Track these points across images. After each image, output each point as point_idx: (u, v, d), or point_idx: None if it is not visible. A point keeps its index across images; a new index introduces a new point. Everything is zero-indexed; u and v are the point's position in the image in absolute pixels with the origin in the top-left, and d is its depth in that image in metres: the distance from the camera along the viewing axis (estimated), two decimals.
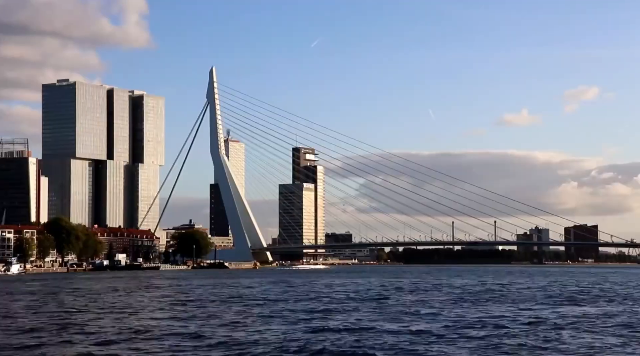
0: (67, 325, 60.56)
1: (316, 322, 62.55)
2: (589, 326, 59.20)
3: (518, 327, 58.37)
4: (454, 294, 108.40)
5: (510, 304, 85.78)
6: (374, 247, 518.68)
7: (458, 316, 67.54)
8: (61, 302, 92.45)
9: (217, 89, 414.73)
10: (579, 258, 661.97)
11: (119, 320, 66.01)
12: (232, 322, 63.22)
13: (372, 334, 53.58)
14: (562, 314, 71.14)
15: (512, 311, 74.09)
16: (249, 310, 77.81)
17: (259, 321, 63.84)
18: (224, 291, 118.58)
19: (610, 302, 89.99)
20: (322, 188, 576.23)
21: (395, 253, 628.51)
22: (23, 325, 62.00)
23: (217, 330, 56.56)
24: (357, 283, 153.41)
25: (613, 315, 69.69)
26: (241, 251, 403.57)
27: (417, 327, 58.02)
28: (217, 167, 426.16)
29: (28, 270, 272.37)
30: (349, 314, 71.58)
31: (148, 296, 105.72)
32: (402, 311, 74.18)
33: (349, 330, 56.13)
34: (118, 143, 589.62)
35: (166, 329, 57.73)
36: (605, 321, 63.33)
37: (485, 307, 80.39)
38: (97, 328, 58.61)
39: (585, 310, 77.07)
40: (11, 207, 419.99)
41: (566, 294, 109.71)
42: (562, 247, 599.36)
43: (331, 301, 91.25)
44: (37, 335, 53.86)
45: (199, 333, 54.27)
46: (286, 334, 53.66)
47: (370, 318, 65.97)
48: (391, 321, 63.61)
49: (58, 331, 56.08)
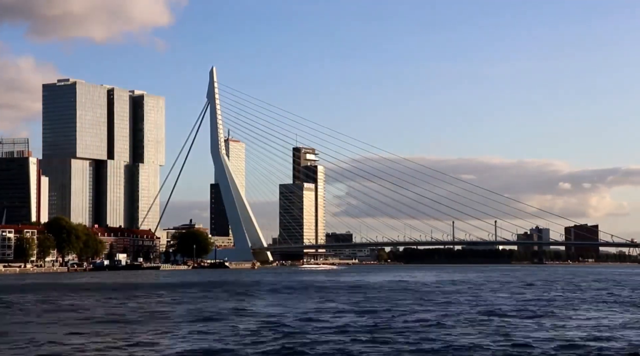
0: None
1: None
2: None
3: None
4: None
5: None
6: (374, 246, 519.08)
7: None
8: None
9: (217, 88, 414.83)
10: (580, 257, 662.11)
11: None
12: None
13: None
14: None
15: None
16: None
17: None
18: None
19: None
20: (323, 188, 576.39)
21: (395, 253, 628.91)
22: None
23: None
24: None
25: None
26: (242, 251, 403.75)
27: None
28: (217, 166, 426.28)
29: (28, 270, 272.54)
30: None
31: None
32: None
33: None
34: (118, 143, 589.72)
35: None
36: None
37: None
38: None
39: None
40: (11, 207, 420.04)
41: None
42: (563, 247, 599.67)
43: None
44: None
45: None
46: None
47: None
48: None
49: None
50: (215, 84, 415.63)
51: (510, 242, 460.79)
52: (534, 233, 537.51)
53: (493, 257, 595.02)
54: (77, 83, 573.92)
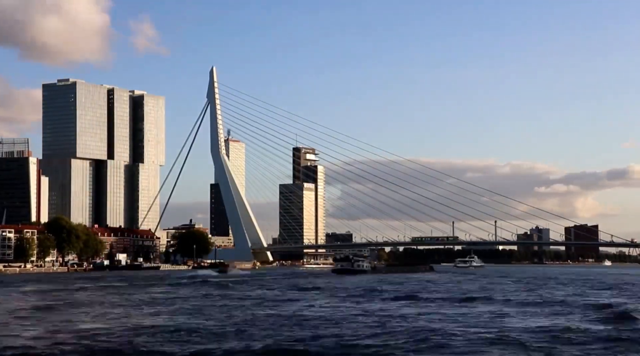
0: None
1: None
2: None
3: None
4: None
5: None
6: (374, 246, 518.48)
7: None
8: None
9: (217, 88, 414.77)
10: (580, 257, 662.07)
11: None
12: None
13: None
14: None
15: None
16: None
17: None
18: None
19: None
20: (323, 188, 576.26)
21: (395, 253, 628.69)
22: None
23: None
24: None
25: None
26: (242, 251, 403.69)
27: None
28: (217, 166, 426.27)
29: (28, 270, 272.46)
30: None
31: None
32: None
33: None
34: (118, 143, 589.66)
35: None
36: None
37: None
38: None
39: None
40: (12, 207, 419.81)
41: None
42: (563, 247, 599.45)
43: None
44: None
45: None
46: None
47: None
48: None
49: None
50: (215, 84, 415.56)
51: (510, 242, 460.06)
52: (534, 233, 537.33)
53: (493, 257, 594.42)
54: (77, 83, 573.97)
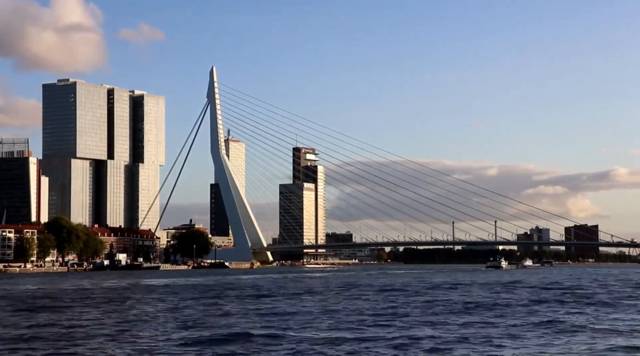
0: None
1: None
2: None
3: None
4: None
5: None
6: (374, 246, 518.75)
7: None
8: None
9: (217, 88, 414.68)
10: (580, 257, 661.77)
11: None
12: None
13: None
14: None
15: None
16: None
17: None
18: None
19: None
20: (323, 188, 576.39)
21: (395, 253, 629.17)
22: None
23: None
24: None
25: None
26: (242, 250, 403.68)
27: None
28: (217, 166, 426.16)
29: (28, 270, 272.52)
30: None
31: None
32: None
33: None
34: (118, 143, 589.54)
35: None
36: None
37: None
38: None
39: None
40: (12, 207, 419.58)
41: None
42: (563, 247, 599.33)
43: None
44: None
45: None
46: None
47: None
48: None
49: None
50: (215, 83, 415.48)
51: (510, 242, 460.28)
52: (534, 233, 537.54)
53: (493, 257, 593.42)
54: (77, 83, 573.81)
